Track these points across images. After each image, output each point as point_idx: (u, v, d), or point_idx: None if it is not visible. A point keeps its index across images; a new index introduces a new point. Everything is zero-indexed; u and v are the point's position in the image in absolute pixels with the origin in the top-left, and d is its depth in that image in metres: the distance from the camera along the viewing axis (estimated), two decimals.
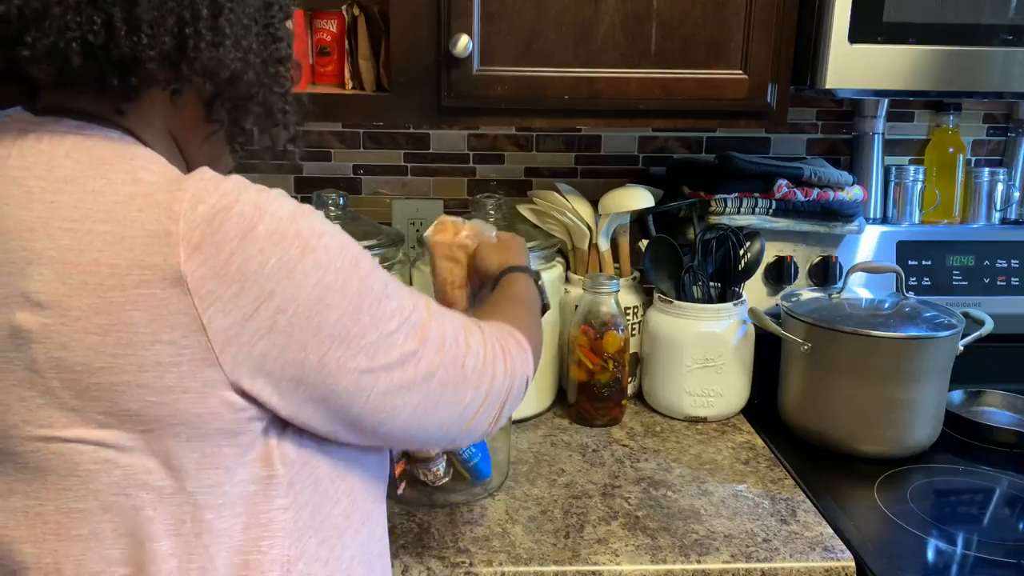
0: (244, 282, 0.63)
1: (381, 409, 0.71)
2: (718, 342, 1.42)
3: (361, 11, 1.34)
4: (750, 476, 1.27)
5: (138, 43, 0.64)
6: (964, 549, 1.12)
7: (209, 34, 0.67)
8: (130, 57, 0.65)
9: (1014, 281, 1.58)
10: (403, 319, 0.71)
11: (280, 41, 0.74)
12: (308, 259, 0.65)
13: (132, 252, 0.62)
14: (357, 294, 0.68)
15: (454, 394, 0.75)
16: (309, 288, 0.65)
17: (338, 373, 0.68)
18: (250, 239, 0.63)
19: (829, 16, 1.22)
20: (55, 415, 0.65)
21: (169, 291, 0.62)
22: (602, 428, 1.43)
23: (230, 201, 0.63)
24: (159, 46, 0.65)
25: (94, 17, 0.63)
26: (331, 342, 0.67)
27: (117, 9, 0.63)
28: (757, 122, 1.33)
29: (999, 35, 1.24)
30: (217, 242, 0.62)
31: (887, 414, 1.33)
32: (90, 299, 0.62)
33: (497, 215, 1.46)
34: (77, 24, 0.63)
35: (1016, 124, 1.66)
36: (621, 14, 1.24)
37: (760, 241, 1.48)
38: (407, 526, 1.13)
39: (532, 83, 1.25)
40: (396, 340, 0.70)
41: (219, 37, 0.67)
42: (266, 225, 0.64)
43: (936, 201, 1.64)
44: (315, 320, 0.66)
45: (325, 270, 0.66)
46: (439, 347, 0.74)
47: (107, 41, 0.64)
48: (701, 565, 1.06)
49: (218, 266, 0.62)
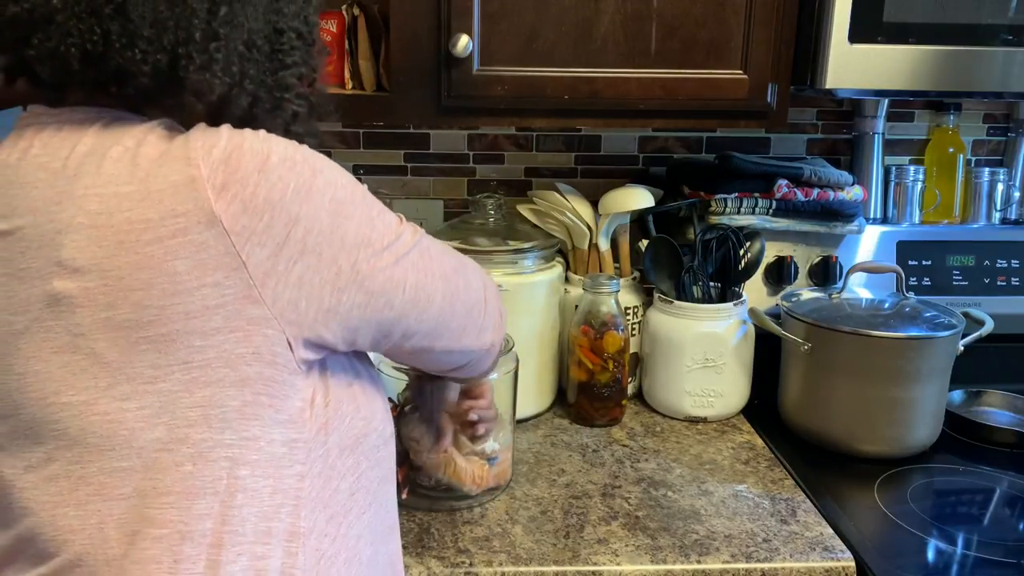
0: (273, 211, 0.66)
1: (417, 301, 0.77)
2: (718, 342, 1.42)
3: (361, 11, 1.34)
4: (750, 476, 1.28)
5: (132, 58, 0.67)
6: (964, 549, 1.12)
7: (199, 57, 0.69)
8: (125, 69, 0.68)
9: (1014, 281, 1.58)
10: (398, 216, 0.77)
11: (288, 68, 0.76)
12: (319, 178, 0.69)
13: (162, 204, 0.64)
14: (364, 202, 0.72)
15: (466, 278, 0.83)
16: (326, 204, 0.68)
17: (372, 273, 0.72)
18: (268, 169, 0.66)
19: (829, 16, 1.22)
20: (100, 376, 0.66)
21: (206, 233, 0.64)
22: (602, 428, 1.43)
23: (239, 141, 0.66)
24: (152, 62, 0.68)
25: (95, 27, 0.66)
26: (358, 248, 0.71)
27: (115, 23, 0.66)
28: (757, 122, 1.33)
29: (999, 35, 1.24)
30: (240, 178, 0.65)
31: (887, 414, 1.33)
32: (129, 256, 0.64)
33: (497, 215, 1.47)
34: (79, 32, 0.66)
35: (1016, 124, 1.66)
36: (621, 14, 1.24)
37: (760, 241, 1.48)
38: (407, 526, 1.13)
39: (532, 83, 1.25)
40: (406, 234, 0.76)
41: (206, 60, 0.69)
42: (277, 154, 0.67)
43: (936, 201, 1.64)
44: (339, 232, 0.69)
45: (336, 186, 0.70)
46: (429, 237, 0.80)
47: (104, 51, 0.67)
48: (701, 565, 1.06)
49: (246, 200, 0.65)
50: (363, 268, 0.72)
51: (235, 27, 0.70)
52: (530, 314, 1.41)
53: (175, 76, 0.69)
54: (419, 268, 0.77)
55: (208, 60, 0.69)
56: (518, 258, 1.41)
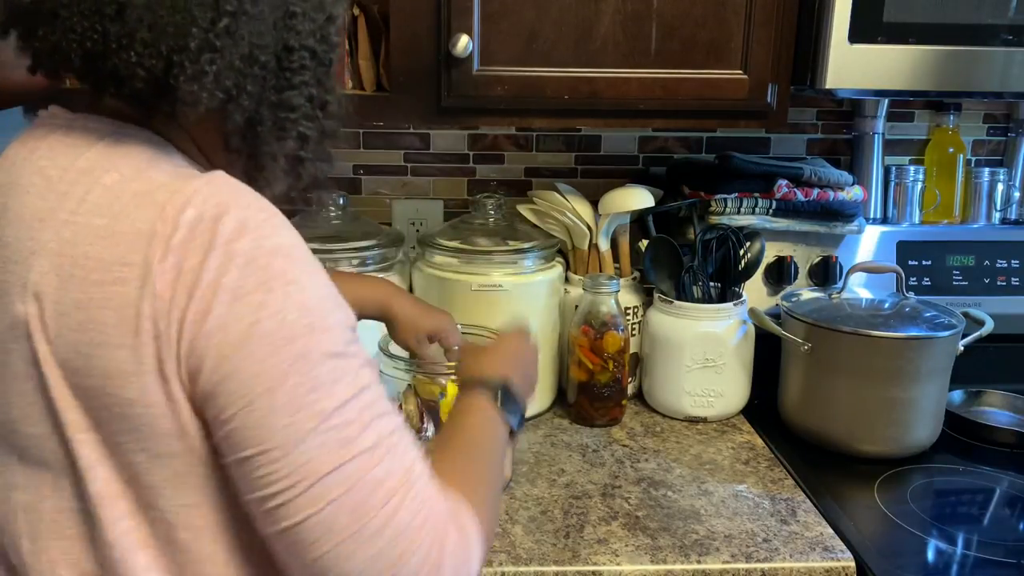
0: (196, 291, 0.60)
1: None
2: (718, 342, 1.42)
3: (361, 11, 1.34)
4: (750, 476, 1.28)
5: (127, 60, 0.65)
6: (964, 549, 1.12)
7: (191, 67, 0.66)
8: (120, 71, 0.66)
9: (1014, 281, 1.58)
10: (324, 431, 0.61)
11: (294, 88, 0.71)
12: (258, 295, 0.61)
13: (119, 248, 0.62)
14: (286, 364, 0.61)
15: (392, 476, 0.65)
16: (243, 324, 0.60)
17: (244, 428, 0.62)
18: (221, 251, 0.61)
19: (829, 16, 1.22)
20: (53, 410, 0.65)
21: (139, 291, 0.61)
22: (602, 428, 1.43)
23: (220, 211, 0.62)
24: (148, 67, 0.65)
25: (96, 26, 0.64)
26: (244, 393, 0.61)
27: (115, 25, 0.64)
28: (757, 122, 1.33)
29: (999, 35, 1.24)
30: (192, 247, 0.61)
31: (887, 414, 1.33)
32: (75, 293, 0.62)
33: (497, 215, 1.47)
34: (81, 29, 0.65)
35: (1016, 124, 1.66)
36: (621, 14, 1.24)
37: (760, 241, 1.48)
38: None
39: (532, 83, 1.25)
40: (352, 427, 0.62)
41: (198, 71, 0.66)
42: (243, 245, 0.61)
43: (936, 201, 1.64)
44: (238, 358, 0.61)
45: (268, 316, 0.61)
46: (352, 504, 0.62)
47: (103, 51, 0.65)
48: (701, 565, 1.06)
49: (183, 271, 0.61)
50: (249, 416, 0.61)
51: (235, 40, 0.67)
52: (530, 314, 1.41)
53: (167, 83, 0.66)
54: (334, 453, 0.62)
55: (199, 71, 0.66)
56: (518, 258, 1.41)
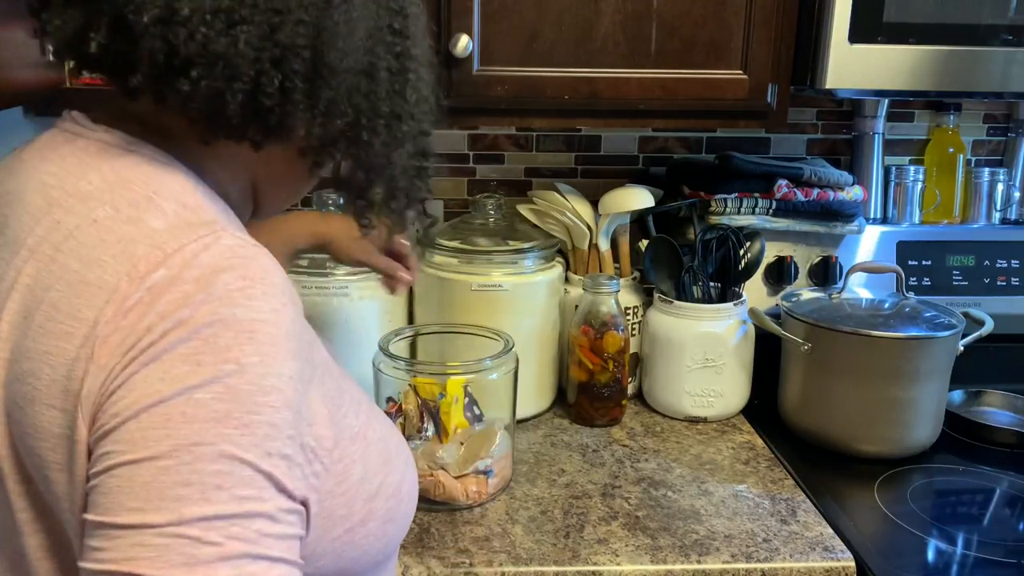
0: (129, 356, 0.53)
1: None
2: (718, 342, 1.43)
3: None
4: (750, 476, 1.28)
5: (311, 119, 0.62)
6: (964, 549, 1.12)
7: (385, 131, 0.64)
8: (292, 127, 0.62)
9: (1014, 281, 1.58)
10: (171, 535, 0.51)
11: (427, 135, 0.71)
12: (184, 366, 0.52)
13: (79, 298, 0.55)
14: (168, 443, 0.52)
15: None
16: (150, 388, 0.52)
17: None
18: (173, 318, 0.53)
19: (829, 16, 1.22)
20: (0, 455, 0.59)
21: (80, 350, 0.54)
22: (602, 428, 1.43)
23: (192, 275, 0.54)
24: (330, 126, 0.63)
25: (274, 79, 0.59)
26: (112, 456, 0.53)
27: (300, 79, 0.60)
28: (757, 122, 1.33)
29: (999, 35, 1.24)
30: (146, 311, 0.54)
31: (887, 414, 1.33)
32: (27, 340, 0.57)
33: (497, 215, 1.47)
34: (251, 79, 0.59)
35: (1016, 124, 1.66)
36: (621, 14, 1.24)
37: (760, 241, 1.48)
38: None
39: (532, 83, 1.25)
40: (148, 541, 0.51)
41: (395, 139, 0.66)
42: (198, 313, 0.53)
43: (936, 201, 1.64)
44: (127, 422, 0.52)
45: (181, 389, 0.52)
46: None
47: (278, 105, 0.60)
48: (701, 565, 1.06)
49: (128, 335, 0.53)
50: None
51: (420, 105, 0.68)
52: (530, 314, 1.41)
53: (345, 143, 0.64)
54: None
55: (394, 138, 0.66)
56: (518, 258, 1.41)
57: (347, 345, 1.36)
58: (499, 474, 1.19)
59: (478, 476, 1.16)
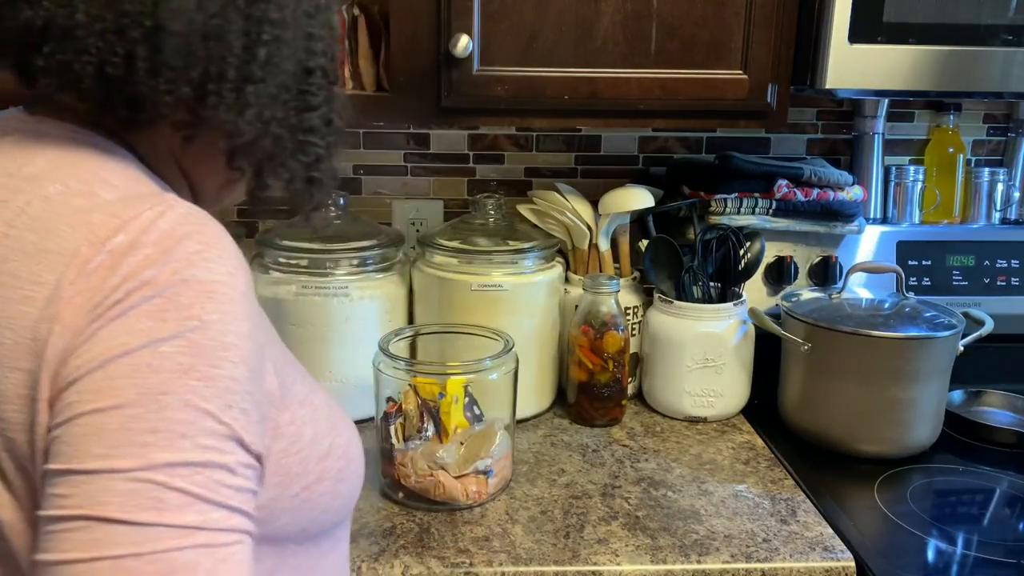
0: (93, 315, 0.55)
1: None
2: (718, 342, 1.42)
3: (361, 11, 1.34)
4: (750, 476, 1.28)
5: (155, 87, 0.61)
6: (964, 549, 1.12)
7: (231, 96, 0.63)
8: (144, 96, 0.62)
9: (1014, 281, 1.58)
10: (140, 479, 0.52)
11: (314, 110, 0.70)
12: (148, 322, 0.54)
13: (38, 265, 0.57)
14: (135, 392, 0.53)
15: None
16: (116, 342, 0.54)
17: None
18: (136, 279, 0.55)
19: (829, 16, 1.22)
20: None
21: (43, 311, 0.55)
22: (602, 428, 1.43)
23: (151, 239, 0.56)
24: (177, 93, 0.62)
25: (116, 48, 0.60)
26: (77, 405, 0.54)
27: (142, 47, 0.60)
28: (757, 122, 1.33)
29: (999, 35, 1.24)
30: (108, 274, 0.55)
31: (887, 414, 1.33)
32: None
33: (497, 215, 1.47)
34: (97, 50, 0.60)
35: (1016, 124, 1.66)
36: (621, 14, 1.24)
37: (760, 241, 1.48)
38: (407, 526, 1.13)
39: (532, 83, 1.25)
40: (116, 485, 0.52)
41: (241, 104, 0.64)
42: (160, 274, 0.55)
43: (936, 201, 1.64)
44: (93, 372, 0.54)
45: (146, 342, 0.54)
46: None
47: (124, 75, 0.61)
48: (701, 565, 1.06)
49: (91, 296, 0.55)
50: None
51: (272, 70, 0.65)
52: (530, 314, 1.41)
53: (198, 111, 0.64)
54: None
55: (243, 103, 0.63)
56: (518, 258, 1.41)
57: (347, 345, 1.36)
58: (499, 474, 1.19)
59: (478, 476, 1.16)
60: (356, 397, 1.34)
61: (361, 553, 1.06)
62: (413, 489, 1.16)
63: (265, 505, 0.62)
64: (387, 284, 1.41)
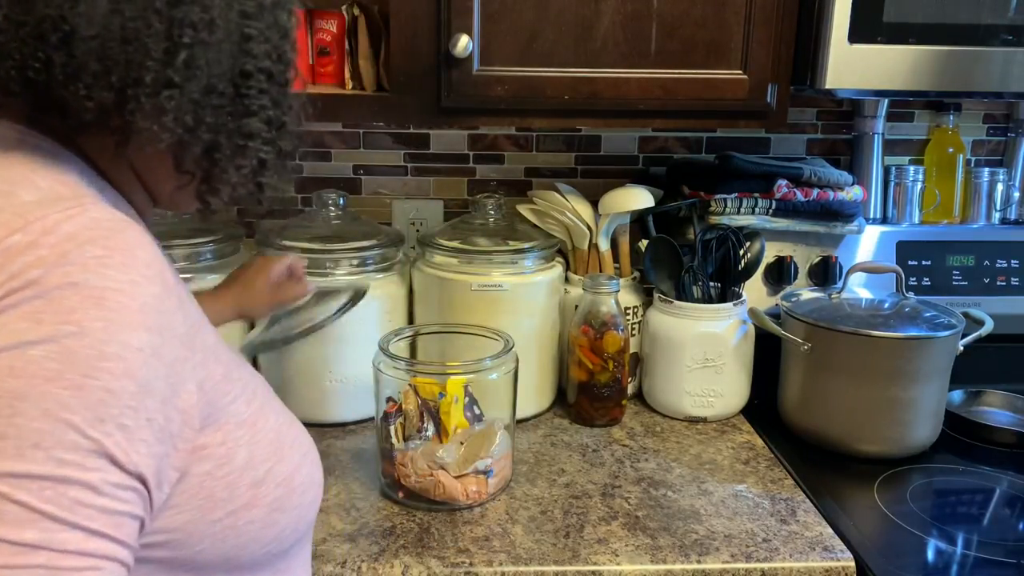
0: None
1: None
2: (718, 342, 1.43)
3: (361, 11, 1.34)
4: (750, 476, 1.28)
5: (75, 92, 0.60)
6: (964, 549, 1.12)
7: (148, 102, 0.61)
8: (68, 103, 0.61)
9: (1014, 281, 1.58)
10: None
11: (253, 115, 0.67)
12: (22, 323, 0.53)
13: None
14: (5, 410, 0.51)
15: None
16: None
17: None
18: (22, 278, 0.54)
19: (829, 16, 1.22)
20: None
21: None
22: (602, 428, 1.43)
23: (51, 241, 0.55)
24: (97, 98, 0.61)
25: (37, 53, 0.59)
26: None
27: (59, 53, 0.59)
28: (757, 122, 1.33)
29: (999, 35, 1.24)
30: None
31: (887, 414, 1.33)
32: None
33: (497, 215, 1.47)
34: (20, 55, 0.59)
35: (1016, 124, 1.66)
36: (621, 14, 1.24)
37: (760, 241, 1.48)
38: (407, 526, 1.13)
39: (532, 83, 1.25)
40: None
41: (156, 107, 0.61)
42: (49, 276, 0.54)
43: (936, 201, 1.64)
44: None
45: (14, 344, 0.52)
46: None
47: (47, 80, 0.60)
48: (701, 565, 1.06)
49: None
50: None
51: (194, 73, 0.62)
52: (530, 314, 1.41)
53: (121, 118, 0.62)
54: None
55: (158, 107, 0.61)
56: (518, 258, 1.41)
57: (347, 345, 1.36)
58: (499, 474, 1.19)
59: (478, 476, 1.16)
60: (356, 397, 1.34)
61: (361, 553, 1.06)
62: (413, 489, 1.16)
63: (180, 528, 0.61)
64: (387, 284, 1.42)
